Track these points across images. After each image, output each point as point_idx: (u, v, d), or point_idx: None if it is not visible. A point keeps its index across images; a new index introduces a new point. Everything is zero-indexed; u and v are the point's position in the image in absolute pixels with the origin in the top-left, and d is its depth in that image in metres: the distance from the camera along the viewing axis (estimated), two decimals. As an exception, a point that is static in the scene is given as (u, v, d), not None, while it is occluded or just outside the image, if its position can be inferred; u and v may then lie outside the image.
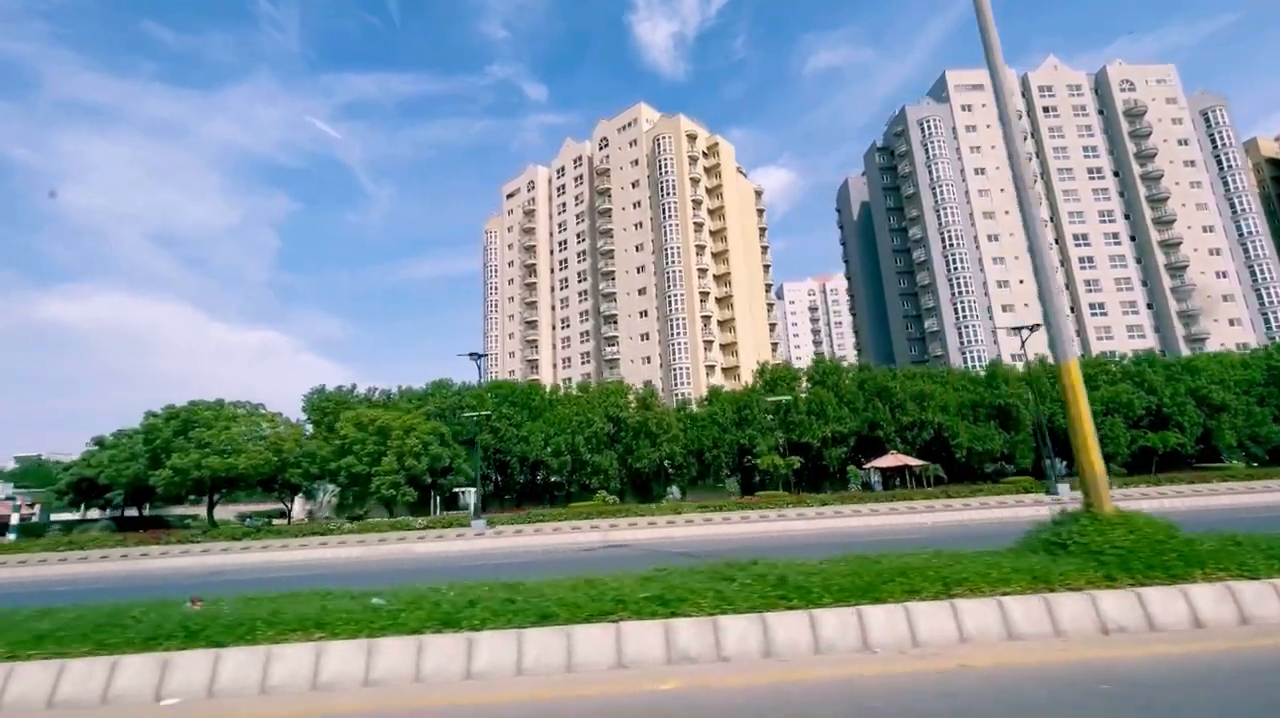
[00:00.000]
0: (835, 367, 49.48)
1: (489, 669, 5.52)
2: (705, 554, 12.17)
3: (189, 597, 7.23)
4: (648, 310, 73.70)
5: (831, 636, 5.85)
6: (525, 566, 15.21)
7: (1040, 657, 5.43)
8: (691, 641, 5.75)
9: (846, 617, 6.01)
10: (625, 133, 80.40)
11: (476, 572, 10.51)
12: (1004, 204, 71.01)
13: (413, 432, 30.56)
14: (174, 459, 27.47)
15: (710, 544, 17.96)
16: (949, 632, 5.94)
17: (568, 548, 19.96)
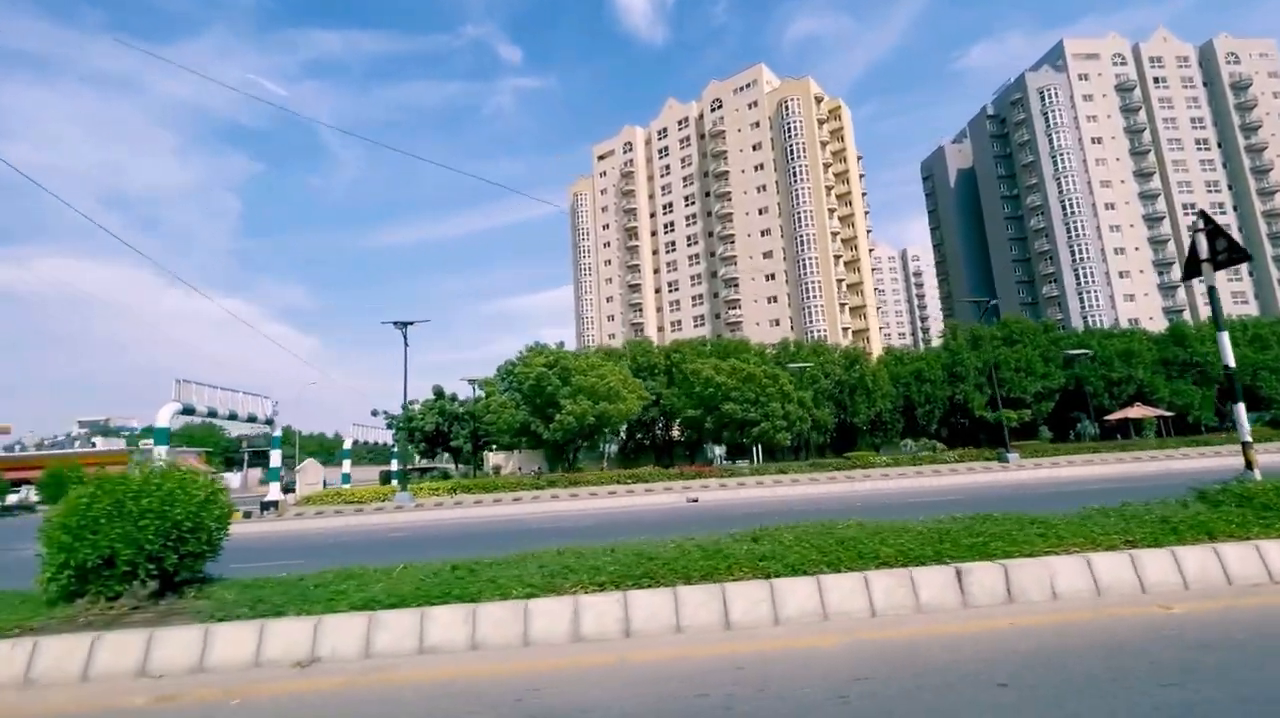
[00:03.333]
0: (1030, 326, 51.88)
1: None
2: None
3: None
4: (775, 273, 75.02)
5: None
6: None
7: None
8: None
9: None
10: (743, 94, 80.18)
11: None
12: (1119, 173, 73.93)
13: (778, 381, 32.05)
14: (569, 407, 28.35)
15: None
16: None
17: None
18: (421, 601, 5.02)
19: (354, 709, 3.87)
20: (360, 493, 24.00)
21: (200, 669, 4.53)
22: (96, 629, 4.74)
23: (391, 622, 4.78)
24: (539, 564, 5.82)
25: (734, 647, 4.64)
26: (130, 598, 5.23)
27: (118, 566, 5.26)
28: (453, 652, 4.73)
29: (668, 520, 14.49)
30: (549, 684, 4.11)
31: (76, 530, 5.32)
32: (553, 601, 5.06)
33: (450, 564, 5.96)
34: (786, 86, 76.80)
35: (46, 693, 4.25)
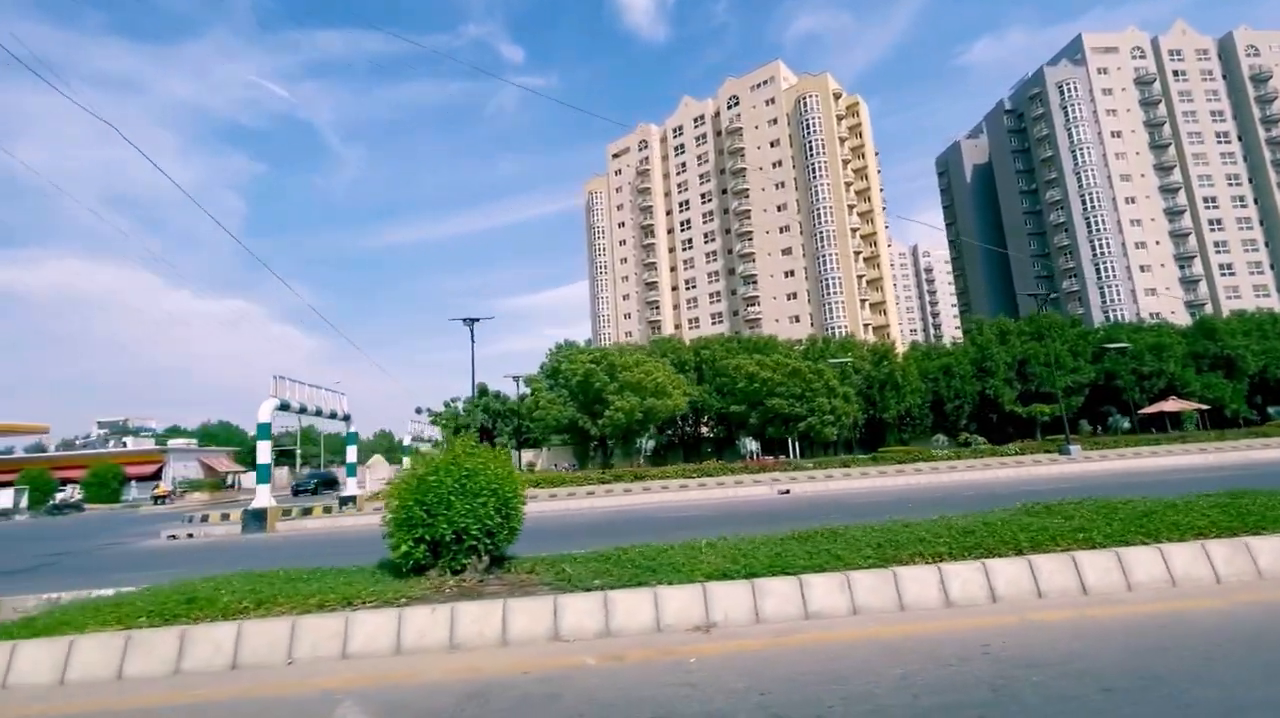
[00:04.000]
0: (1058, 320, 51.75)
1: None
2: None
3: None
4: (794, 270, 75.02)
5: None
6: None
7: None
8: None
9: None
10: (760, 91, 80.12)
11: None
12: (1140, 167, 73.56)
13: (822, 375, 32.19)
14: (618, 402, 28.55)
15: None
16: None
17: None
18: (782, 570, 5.26)
19: (823, 666, 4.03)
20: None
21: (608, 634, 4.73)
22: (474, 599, 4.92)
23: (774, 588, 5.00)
24: (851, 539, 6.16)
25: (1113, 610, 4.95)
26: (472, 572, 5.46)
27: (465, 540, 5.51)
28: (832, 617, 4.96)
29: (794, 510, 14.37)
30: (994, 640, 4.32)
31: (432, 506, 5.52)
32: (919, 568, 5.34)
33: (786, 538, 6.25)
34: (804, 83, 76.72)
35: (474, 655, 4.44)
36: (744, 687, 3.72)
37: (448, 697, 3.77)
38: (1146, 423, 47.23)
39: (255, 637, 4.37)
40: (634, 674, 4.03)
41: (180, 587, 5.22)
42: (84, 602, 5.48)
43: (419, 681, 4.04)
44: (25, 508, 33.25)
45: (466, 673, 4.05)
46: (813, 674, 3.88)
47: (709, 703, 3.53)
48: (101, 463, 40.49)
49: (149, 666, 4.26)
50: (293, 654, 4.35)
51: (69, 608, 5.00)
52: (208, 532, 16.06)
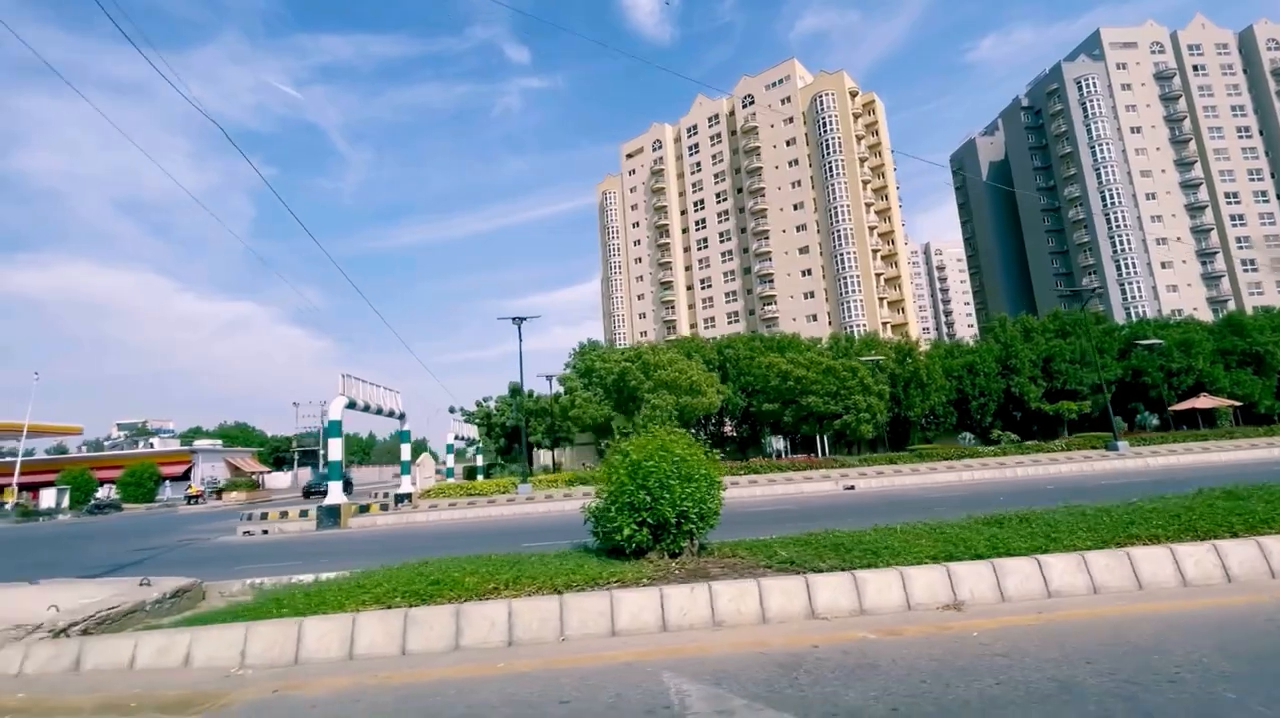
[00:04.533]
0: (1082, 317, 51.56)
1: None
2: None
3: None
4: (811, 269, 74.95)
5: None
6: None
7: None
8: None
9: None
10: (775, 90, 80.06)
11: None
12: (1160, 163, 73.18)
13: (857, 373, 32.17)
14: (654, 400, 28.60)
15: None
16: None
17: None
18: (1006, 551, 5.27)
19: (1121, 637, 4.08)
20: (481, 486, 24.37)
21: (861, 612, 4.78)
22: (716, 579, 4.95)
23: (1015, 568, 4.99)
24: (1050, 523, 6.21)
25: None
26: (688, 555, 5.53)
27: (685, 524, 5.58)
28: (1072, 595, 4.97)
29: (879, 505, 14.40)
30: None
31: (654, 490, 5.58)
32: (1151, 549, 5.33)
33: (979, 522, 6.29)
34: (821, 81, 76.64)
35: (741, 631, 4.50)
36: (1058, 656, 3.76)
37: (763, 667, 3.84)
38: (1177, 420, 46.98)
39: (526, 614, 4.44)
40: (931, 646, 4.08)
41: (419, 569, 5.30)
42: (305, 586, 5.56)
43: (715, 652, 4.11)
44: (67, 508, 33.54)
45: (753, 646, 4.12)
46: (1127, 645, 3.91)
47: (1050, 670, 3.54)
48: (137, 463, 40.78)
49: (430, 641, 4.35)
50: (565, 631, 4.42)
51: (307, 591, 5.07)
52: (282, 528, 16.21)
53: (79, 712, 3.54)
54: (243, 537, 15.74)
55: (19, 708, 3.56)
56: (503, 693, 3.63)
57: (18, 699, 3.69)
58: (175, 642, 4.34)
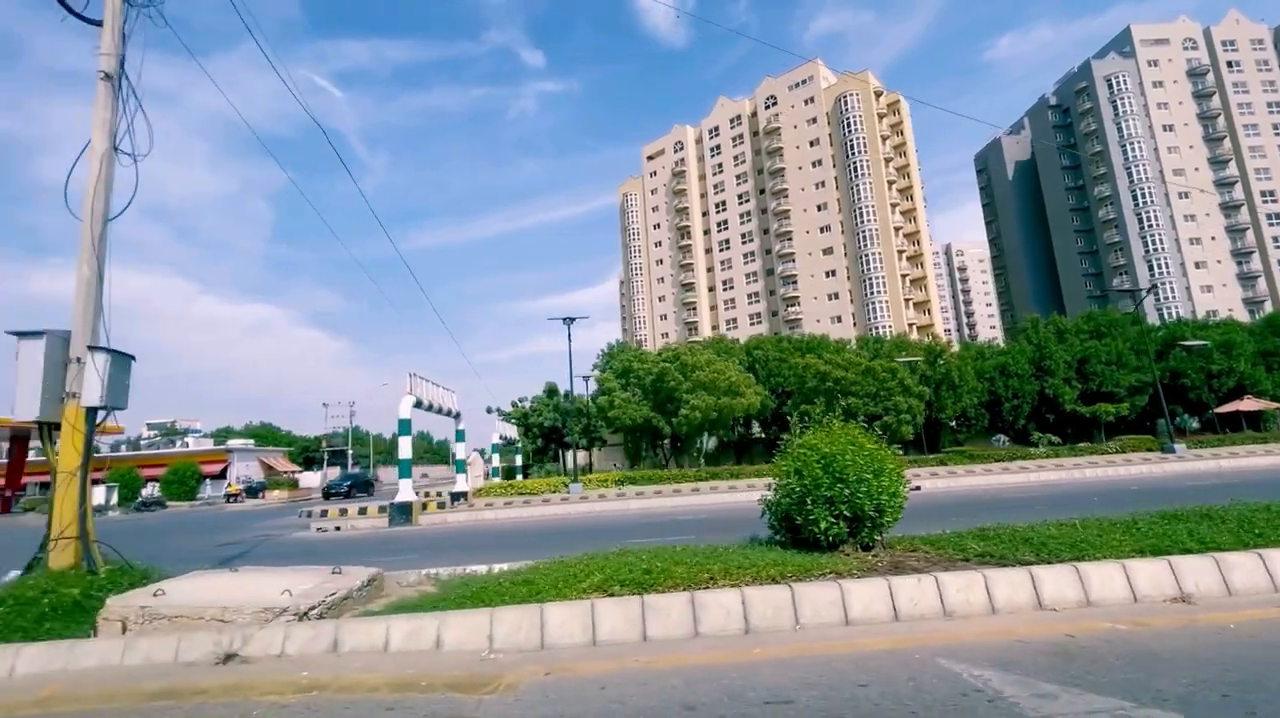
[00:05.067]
0: (1117, 317, 50.83)
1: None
2: None
3: None
4: (836, 270, 74.54)
5: None
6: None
7: None
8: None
9: None
10: (799, 90, 79.80)
11: None
12: (1194, 161, 71.98)
13: (896, 374, 32.03)
14: (693, 402, 28.63)
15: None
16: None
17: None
18: (1215, 547, 5.22)
19: None
20: (530, 485, 24.53)
21: (1088, 603, 4.75)
22: (939, 572, 4.98)
23: (1238, 562, 4.91)
24: (1240, 518, 6.16)
25: None
26: (880, 548, 5.55)
27: (880, 517, 5.61)
28: (1260, 592, 4.81)
29: (959, 506, 14.30)
30: None
31: (851, 484, 5.63)
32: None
33: (1163, 517, 6.31)
34: (845, 81, 76.25)
35: (976, 622, 4.50)
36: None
37: (1034, 654, 3.83)
38: (1220, 423, 46.22)
39: (759, 603, 4.48)
40: (1195, 637, 4.03)
41: (621, 559, 5.36)
42: (499, 576, 5.65)
43: (969, 640, 4.12)
44: (115, 504, 34.19)
45: (1002, 635, 4.12)
46: None
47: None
48: (179, 462, 41.48)
49: (669, 628, 4.40)
50: (799, 620, 4.44)
51: (514, 580, 5.15)
52: (354, 525, 16.42)
53: (375, 689, 3.63)
54: (316, 533, 15.94)
55: (311, 686, 3.67)
56: (787, 676, 3.65)
57: (305, 678, 3.79)
58: (424, 626, 4.46)
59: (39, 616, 4.95)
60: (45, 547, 6.17)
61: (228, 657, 4.30)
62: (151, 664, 4.36)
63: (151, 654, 4.43)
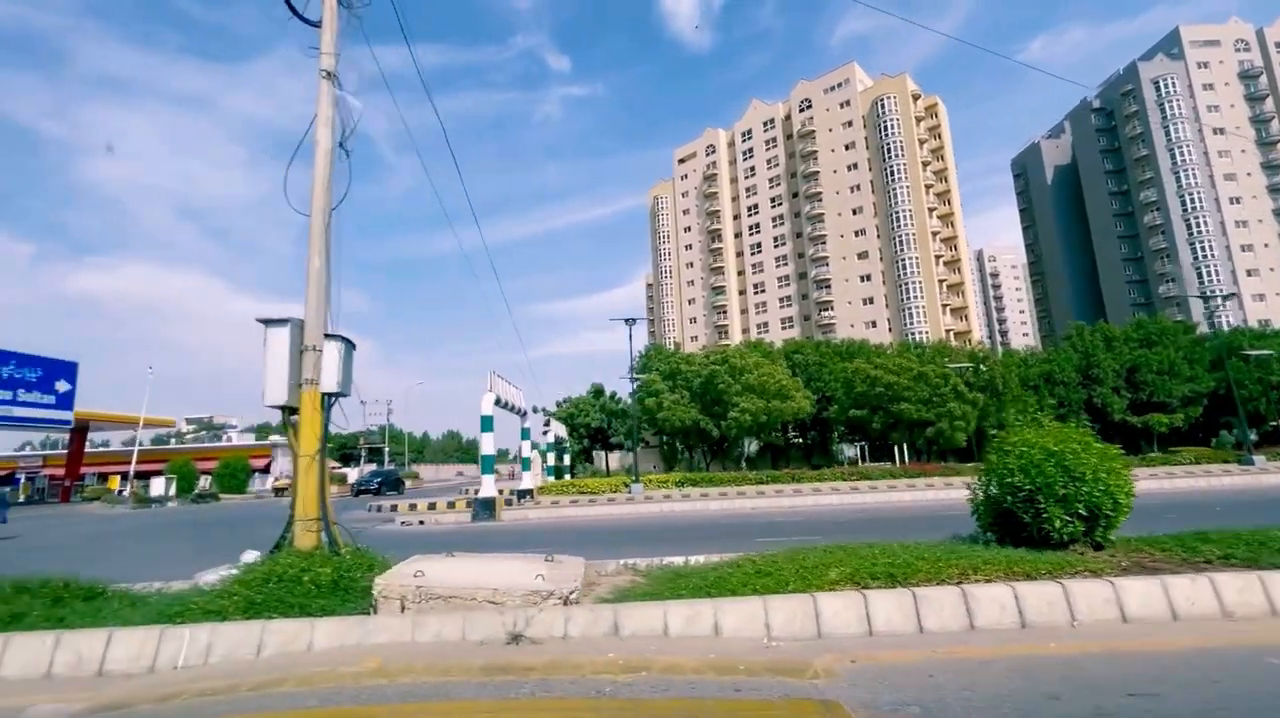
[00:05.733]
0: (1169, 326, 49.54)
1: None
2: None
3: None
4: (871, 275, 73.79)
5: None
6: None
7: None
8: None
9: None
10: (834, 94, 79.26)
11: None
12: (1245, 165, 69.94)
13: (949, 381, 31.61)
14: (743, 404, 28.50)
15: None
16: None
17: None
18: None
19: None
20: (590, 484, 24.60)
21: None
22: (1179, 573, 4.89)
23: None
24: None
25: None
26: (1111, 548, 5.48)
27: (1117, 515, 5.56)
28: None
29: None
30: None
31: (1091, 482, 5.59)
32: None
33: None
34: (882, 84, 75.59)
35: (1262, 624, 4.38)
36: None
37: None
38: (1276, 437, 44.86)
39: (1032, 598, 4.44)
40: None
41: (858, 553, 5.33)
42: (713, 567, 5.65)
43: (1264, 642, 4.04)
44: (174, 496, 35.06)
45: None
46: None
47: None
48: (231, 456, 42.42)
49: (944, 621, 4.38)
50: (1075, 617, 4.38)
51: (758, 569, 5.14)
52: (438, 519, 16.64)
53: (700, 671, 3.67)
54: (402, 527, 16.15)
55: (637, 666, 3.77)
56: (1119, 670, 3.60)
57: (621, 659, 3.84)
58: (700, 612, 4.52)
59: (306, 592, 5.09)
60: (289, 528, 6.41)
61: (515, 637, 4.38)
62: (443, 642, 4.47)
63: (442, 632, 4.53)
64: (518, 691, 3.65)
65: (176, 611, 4.93)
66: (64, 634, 4.45)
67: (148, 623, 4.71)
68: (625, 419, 34.05)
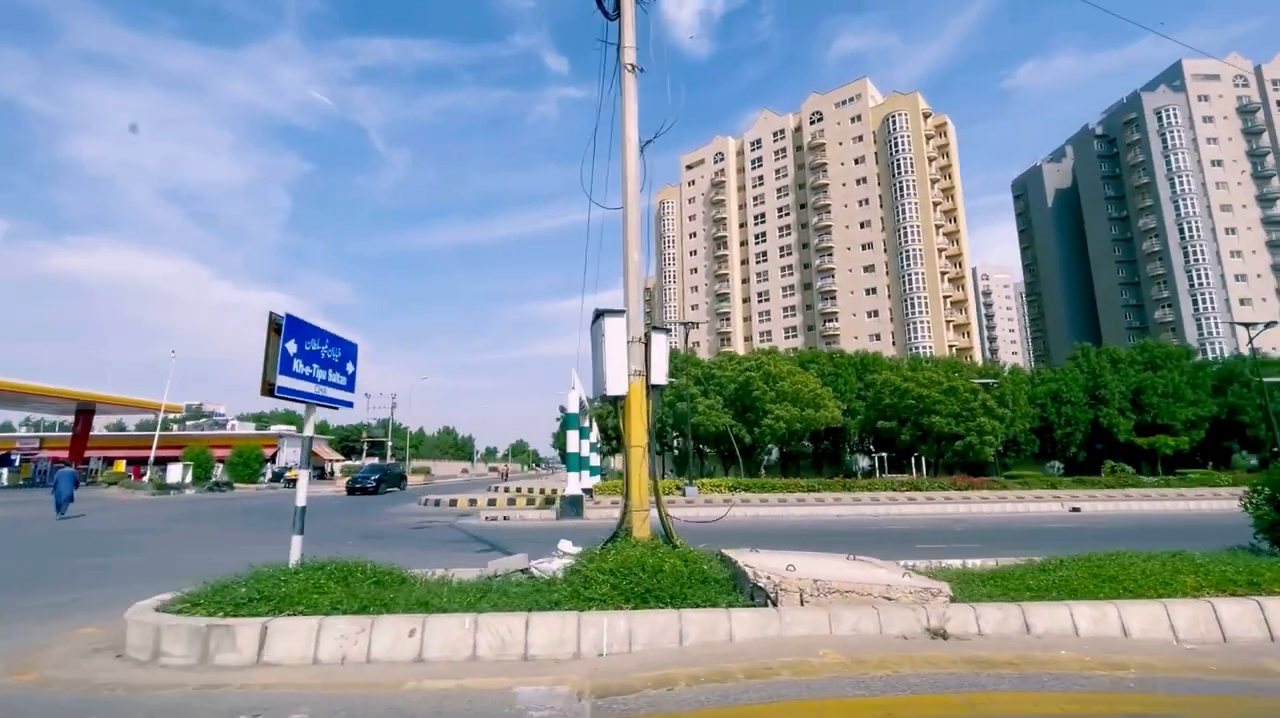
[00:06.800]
0: (1173, 350, 50.57)
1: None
2: None
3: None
4: (876, 288, 74.64)
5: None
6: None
7: None
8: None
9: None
10: (845, 108, 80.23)
11: None
12: (1241, 198, 71.83)
13: (977, 395, 32.10)
14: (777, 411, 28.75)
15: None
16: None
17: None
18: None
19: None
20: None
21: None
22: None
23: None
24: None
25: None
26: None
27: None
28: None
29: (1160, 528, 14.44)
30: None
31: None
32: None
33: None
34: (893, 101, 76.65)
35: None
36: None
37: None
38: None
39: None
40: None
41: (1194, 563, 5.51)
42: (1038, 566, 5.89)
43: None
44: (190, 483, 34.42)
45: None
46: None
47: None
48: (245, 444, 41.78)
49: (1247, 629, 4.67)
50: None
51: (1097, 570, 5.41)
52: (521, 515, 16.49)
53: (1174, 670, 3.98)
54: (487, 522, 16.05)
55: (1106, 664, 4.02)
56: None
57: (1077, 658, 4.13)
58: (1105, 613, 4.74)
59: (674, 582, 5.11)
60: (625, 518, 6.52)
61: (937, 632, 4.51)
62: (864, 635, 4.61)
63: (859, 626, 4.67)
64: (997, 685, 3.76)
65: (553, 598, 4.94)
66: (480, 617, 4.52)
67: (509, 610, 4.74)
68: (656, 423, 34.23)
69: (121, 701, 3.77)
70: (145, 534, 14.43)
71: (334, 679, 4.05)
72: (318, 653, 4.31)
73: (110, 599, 6.18)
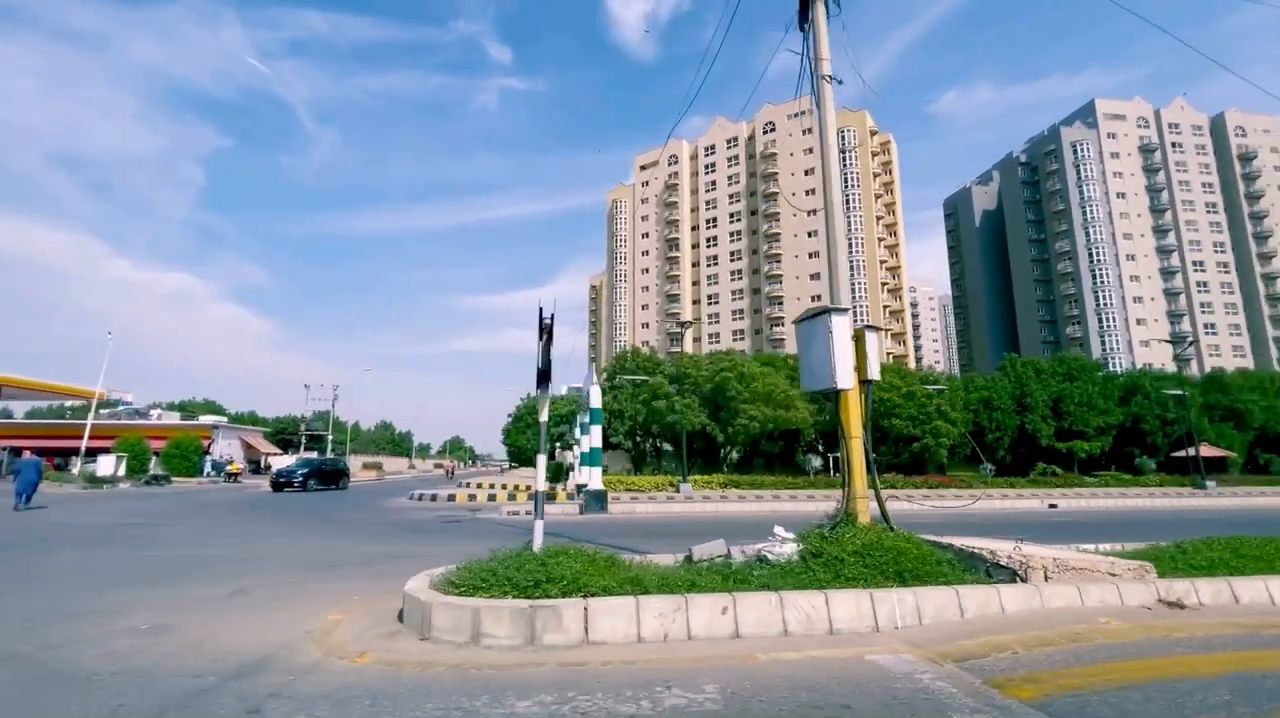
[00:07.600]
0: (1086, 363, 55.49)
1: None
2: None
3: None
4: (821, 295, 77.63)
5: None
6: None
7: None
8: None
9: None
10: (798, 120, 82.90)
11: None
12: (1140, 228, 79.82)
13: (932, 400, 34.11)
14: (751, 411, 29.57)
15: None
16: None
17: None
18: None
19: None
20: (638, 482, 24.62)
21: None
22: None
23: None
24: None
25: None
26: None
27: None
28: None
29: (1132, 521, 15.80)
30: None
31: None
32: None
33: None
34: (843, 117, 79.93)
35: None
36: None
37: None
38: (1172, 465, 51.35)
39: None
40: None
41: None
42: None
43: None
44: (124, 476, 31.38)
45: None
46: None
47: None
48: (182, 435, 38.58)
49: None
50: None
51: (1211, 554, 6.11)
52: (545, 510, 16.08)
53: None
54: (509, 516, 15.72)
55: (1258, 625, 4.51)
56: None
57: (1240, 618, 4.66)
58: (1219, 588, 5.43)
59: (917, 561, 5.52)
60: (847, 504, 6.84)
61: (1173, 603, 5.13)
62: (1109, 606, 5.19)
63: (1104, 598, 5.28)
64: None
65: (814, 578, 5.22)
66: (784, 595, 4.77)
67: (801, 588, 5.01)
68: (624, 420, 34.41)
69: (510, 678, 3.66)
70: (163, 528, 12.99)
71: (680, 654, 4.13)
72: (640, 631, 4.48)
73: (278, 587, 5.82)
